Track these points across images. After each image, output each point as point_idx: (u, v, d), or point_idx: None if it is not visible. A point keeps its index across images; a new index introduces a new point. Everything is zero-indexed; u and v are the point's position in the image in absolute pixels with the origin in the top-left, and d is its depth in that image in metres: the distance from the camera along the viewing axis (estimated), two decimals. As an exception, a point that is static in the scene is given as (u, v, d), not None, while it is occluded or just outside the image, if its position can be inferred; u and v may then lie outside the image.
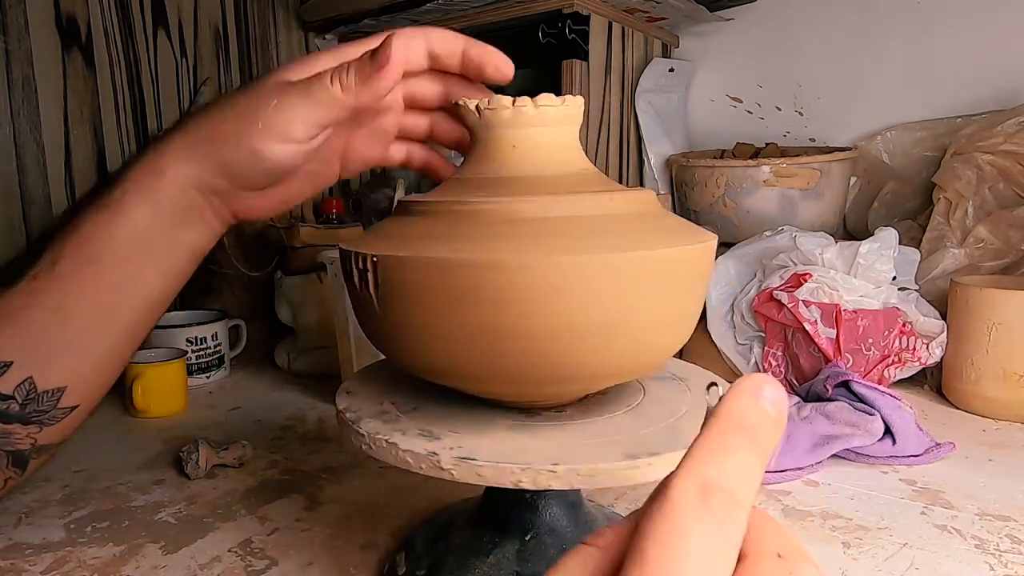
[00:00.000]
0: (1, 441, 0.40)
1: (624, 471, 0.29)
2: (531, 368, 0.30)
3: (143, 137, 0.89)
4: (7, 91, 0.76)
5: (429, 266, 0.29)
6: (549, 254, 0.28)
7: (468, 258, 0.28)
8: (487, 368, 0.31)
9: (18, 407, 0.39)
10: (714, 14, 0.99)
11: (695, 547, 0.15)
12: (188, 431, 0.65)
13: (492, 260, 0.28)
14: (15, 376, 0.39)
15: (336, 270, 0.65)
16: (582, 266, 0.28)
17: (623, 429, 0.32)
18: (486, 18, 0.90)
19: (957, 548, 0.43)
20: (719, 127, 1.09)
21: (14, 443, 0.40)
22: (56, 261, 0.39)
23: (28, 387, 0.39)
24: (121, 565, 0.43)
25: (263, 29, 1.02)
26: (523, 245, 0.28)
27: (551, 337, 0.29)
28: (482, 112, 0.33)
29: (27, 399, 0.39)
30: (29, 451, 0.41)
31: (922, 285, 0.77)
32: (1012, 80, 0.87)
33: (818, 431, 0.54)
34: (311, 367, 0.81)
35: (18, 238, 0.78)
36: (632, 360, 0.32)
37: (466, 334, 0.30)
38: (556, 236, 0.29)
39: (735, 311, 0.75)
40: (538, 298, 0.28)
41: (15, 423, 0.39)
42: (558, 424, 0.33)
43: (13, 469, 0.41)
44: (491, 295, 0.28)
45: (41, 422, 0.40)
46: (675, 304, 0.32)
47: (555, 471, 0.28)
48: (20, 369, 0.39)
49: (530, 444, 0.31)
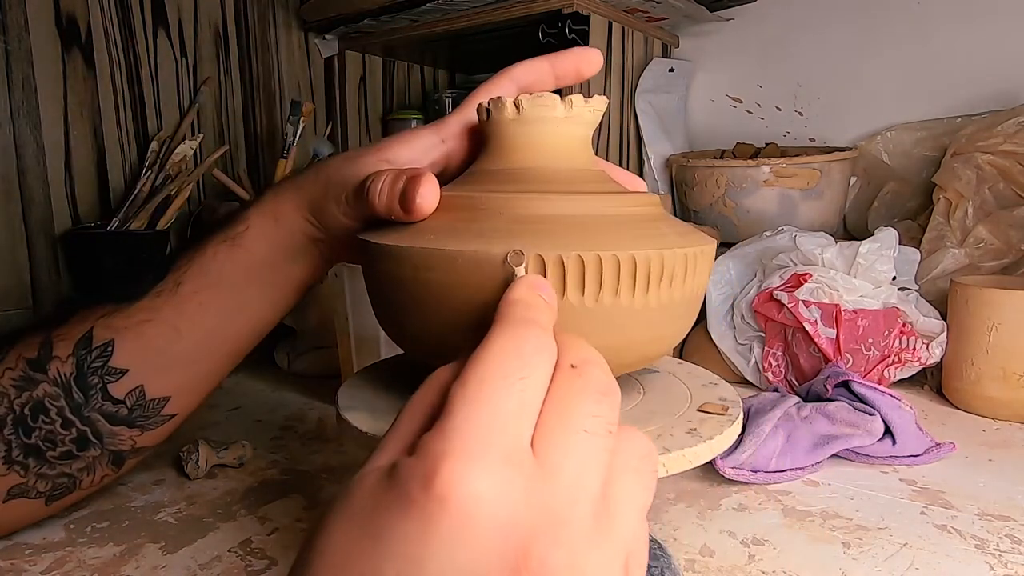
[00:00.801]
0: (106, 441, 0.43)
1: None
2: None
3: (143, 137, 0.89)
4: (7, 91, 0.76)
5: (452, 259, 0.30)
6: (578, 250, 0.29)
7: (487, 252, 0.29)
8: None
9: (127, 411, 0.43)
10: (714, 14, 0.99)
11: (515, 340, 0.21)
12: (188, 431, 0.65)
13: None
14: (128, 383, 0.42)
15: (336, 270, 0.65)
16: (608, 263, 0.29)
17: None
18: (486, 18, 0.90)
19: (957, 548, 0.43)
20: (719, 127, 1.09)
21: (117, 443, 0.44)
22: (180, 283, 0.43)
23: (138, 394, 0.43)
24: (121, 565, 0.43)
25: (263, 29, 1.02)
26: (545, 241, 0.29)
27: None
28: (522, 109, 0.33)
29: (135, 405, 0.43)
30: (128, 452, 0.45)
31: (922, 285, 0.77)
32: (1012, 80, 0.87)
33: (818, 431, 0.54)
34: (311, 367, 0.81)
35: (18, 238, 0.78)
36: (638, 354, 0.33)
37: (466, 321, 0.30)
38: (579, 234, 0.30)
39: (735, 311, 0.75)
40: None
41: (121, 425, 0.43)
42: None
43: (111, 467, 0.45)
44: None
45: (143, 427, 0.44)
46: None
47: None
48: (133, 377, 0.42)
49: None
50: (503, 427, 0.19)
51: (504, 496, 0.18)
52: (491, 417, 0.19)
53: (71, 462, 0.43)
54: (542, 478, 0.19)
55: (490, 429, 0.19)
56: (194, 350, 0.43)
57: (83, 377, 0.42)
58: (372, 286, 0.35)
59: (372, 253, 0.34)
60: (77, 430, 0.42)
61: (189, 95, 0.94)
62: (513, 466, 0.19)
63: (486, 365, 0.20)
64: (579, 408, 0.21)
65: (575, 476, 0.20)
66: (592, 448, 0.20)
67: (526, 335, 0.22)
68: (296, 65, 1.06)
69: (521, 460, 0.19)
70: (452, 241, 0.30)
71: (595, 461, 0.20)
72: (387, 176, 0.34)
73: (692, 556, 0.42)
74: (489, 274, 0.29)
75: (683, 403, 0.36)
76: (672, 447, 0.30)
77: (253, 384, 0.81)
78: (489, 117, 0.34)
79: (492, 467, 0.18)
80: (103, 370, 0.42)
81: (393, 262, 0.32)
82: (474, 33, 0.95)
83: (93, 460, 0.43)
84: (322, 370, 0.80)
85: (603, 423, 0.21)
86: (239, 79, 1.00)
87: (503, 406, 0.20)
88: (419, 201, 0.31)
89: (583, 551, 0.19)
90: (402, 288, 0.32)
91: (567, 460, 0.20)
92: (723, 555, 0.42)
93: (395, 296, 0.33)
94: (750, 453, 0.51)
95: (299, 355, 0.82)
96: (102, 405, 0.42)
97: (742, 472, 0.51)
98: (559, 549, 0.18)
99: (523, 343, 0.21)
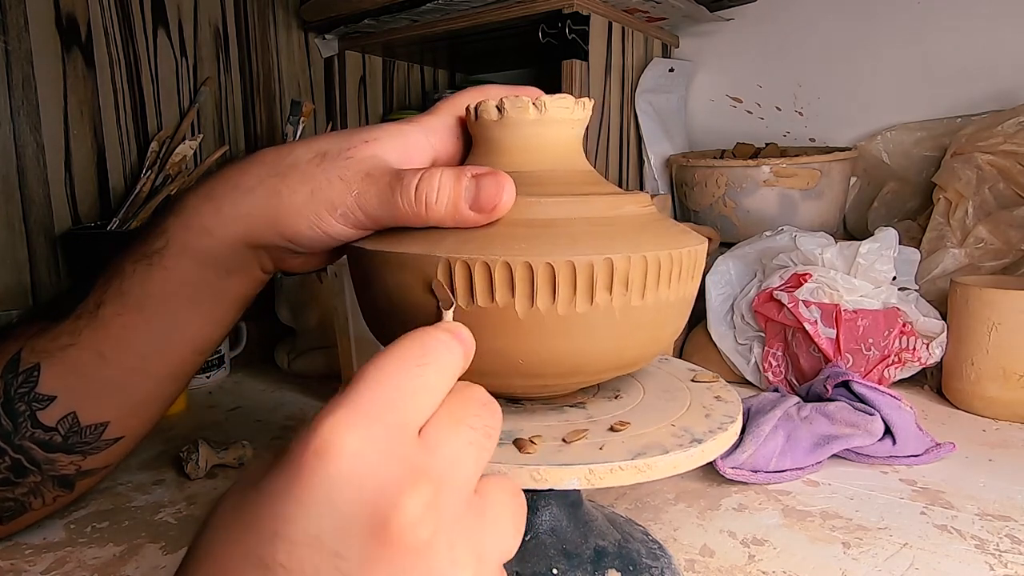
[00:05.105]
0: (45, 467, 0.40)
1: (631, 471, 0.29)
2: (544, 365, 0.31)
3: (143, 137, 0.89)
4: (7, 91, 0.76)
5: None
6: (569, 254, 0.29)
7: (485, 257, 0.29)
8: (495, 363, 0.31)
9: (60, 439, 0.40)
10: (714, 14, 0.99)
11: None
12: (188, 431, 0.65)
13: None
14: (58, 411, 0.39)
15: (336, 270, 0.65)
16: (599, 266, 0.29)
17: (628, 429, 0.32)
18: (486, 18, 0.90)
19: (957, 548, 0.43)
20: (719, 127, 1.09)
21: (58, 469, 0.41)
22: (100, 303, 0.39)
23: (71, 421, 0.40)
24: (121, 565, 0.43)
25: (263, 29, 1.02)
26: (537, 246, 0.29)
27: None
28: (504, 112, 0.33)
29: (70, 432, 0.40)
30: (74, 475, 0.42)
31: (922, 285, 0.77)
32: (1012, 80, 0.87)
33: (818, 431, 0.54)
34: (311, 367, 0.81)
35: (18, 238, 0.78)
36: (618, 356, 0.33)
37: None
38: (558, 238, 0.30)
39: (735, 311, 0.75)
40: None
41: (58, 452, 0.40)
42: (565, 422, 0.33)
43: (59, 489, 0.42)
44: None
45: (84, 452, 0.41)
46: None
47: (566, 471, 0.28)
48: (63, 405, 0.39)
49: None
50: (390, 402, 0.20)
51: (378, 454, 0.19)
52: (381, 393, 0.21)
53: (12, 487, 0.40)
54: (422, 450, 0.20)
55: (376, 401, 0.20)
56: (125, 374, 0.39)
57: (10, 403, 0.38)
58: (359, 290, 0.36)
59: (360, 259, 0.34)
60: (10, 458, 0.39)
61: (189, 95, 0.94)
62: (392, 434, 0.20)
63: (388, 353, 0.22)
64: (466, 408, 0.23)
65: (453, 456, 0.21)
66: (473, 439, 0.22)
67: (433, 333, 0.23)
68: (296, 65, 1.06)
69: (402, 433, 0.20)
70: (409, 244, 0.31)
71: (474, 453, 0.22)
72: (442, 176, 0.31)
73: (692, 556, 0.42)
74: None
75: (680, 408, 0.35)
76: (672, 447, 0.30)
77: (253, 384, 0.81)
78: (477, 118, 0.34)
79: (370, 429, 0.19)
80: (30, 396, 0.39)
81: (376, 267, 0.32)
82: (474, 33, 0.95)
83: (36, 485, 0.41)
84: (322, 370, 0.80)
85: (483, 424, 0.23)
86: (239, 79, 1.00)
87: (395, 384, 0.21)
88: (505, 199, 0.30)
89: (450, 522, 0.20)
90: (383, 292, 0.32)
91: (448, 442, 0.21)
92: (723, 555, 0.42)
93: (378, 300, 0.33)
94: (750, 453, 0.51)
95: (299, 355, 0.82)
96: (32, 433, 0.39)
97: (742, 472, 0.51)
98: (430, 512, 0.19)
99: (427, 338, 0.23)
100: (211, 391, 0.79)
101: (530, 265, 0.29)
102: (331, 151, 0.34)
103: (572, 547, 0.35)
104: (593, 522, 0.37)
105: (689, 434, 0.32)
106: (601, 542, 0.36)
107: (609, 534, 0.37)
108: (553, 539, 0.35)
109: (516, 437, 0.31)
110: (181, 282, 0.38)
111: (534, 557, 0.35)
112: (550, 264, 0.29)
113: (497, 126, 0.34)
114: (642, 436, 0.31)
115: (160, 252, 0.37)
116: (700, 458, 0.31)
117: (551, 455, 0.29)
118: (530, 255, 0.29)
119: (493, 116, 0.33)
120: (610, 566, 0.35)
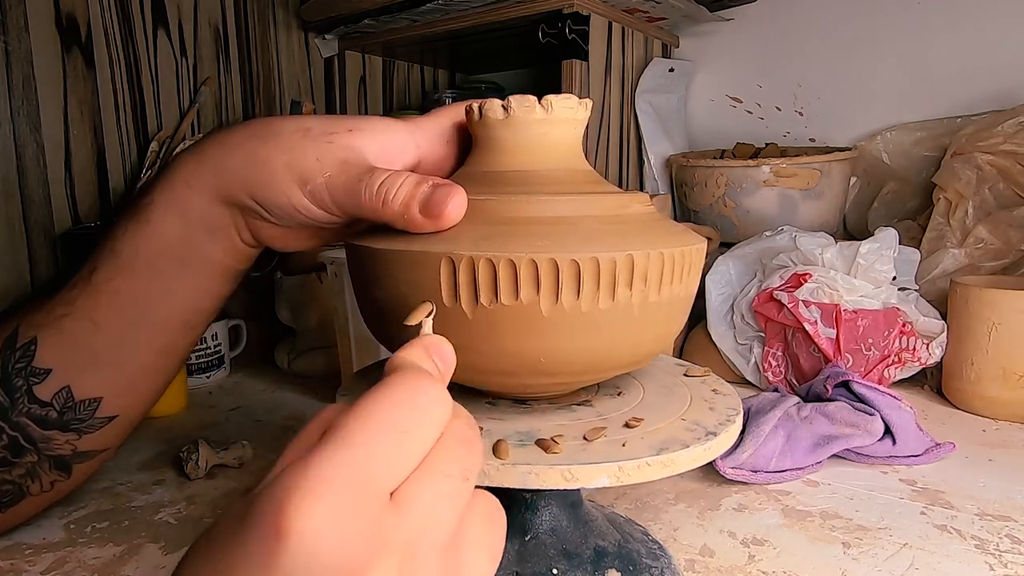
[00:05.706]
0: (41, 446, 0.41)
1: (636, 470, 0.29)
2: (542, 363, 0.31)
3: (143, 137, 0.89)
4: (7, 91, 0.76)
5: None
6: (572, 252, 0.29)
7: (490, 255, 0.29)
8: (499, 362, 0.31)
9: (56, 414, 0.40)
10: (714, 14, 0.99)
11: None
12: (188, 431, 0.65)
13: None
14: (53, 384, 0.40)
15: (336, 270, 0.65)
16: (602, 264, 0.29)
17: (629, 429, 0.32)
18: (486, 18, 0.90)
19: (957, 548, 0.43)
20: (719, 127, 1.09)
21: (54, 448, 0.41)
22: (94, 269, 0.39)
23: (65, 396, 0.40)
24: (121, 565, 0.43)
25: (263, 29, 1.02)
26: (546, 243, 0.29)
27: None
28: (510, 111, 0.33)
29: (64, 407, 0.40)
30: (70, 456, 0.42)
31: (922, 285, 0.77)
32: (1012, 80, 0.87)
33: (818, 431, 0.54)
34: (311, 367, 0.81)
35: (18, 238, 0.78)
36: (632, 352, 0.33)
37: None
38: (575, 236, 0.30)
39: (735, 311, 0.75)
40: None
41: (54, 429, 0.40)
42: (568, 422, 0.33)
43: (57, 472, 0.42)
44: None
45: (79, 430, 0.41)
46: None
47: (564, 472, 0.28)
48: (58, 377, 0.40)
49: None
50: (364, 471, 0.19)
51: (345, 530, 0.18)
52: (356, 458, 0.19)
53: (9, 468, 0.41)
54: (392, 515, 0.19)
55: (348, 467, 0.19)
56: (116, 344, 0.40)
57: (7, 379, 0.39)
58: (358, 290, 0.36)
59: (365, 258, 0.34)
60: (8, 435, 0.40)
61: (189, 95, 0.94)
62: (361, 505, 0.18)
63: (375, 406, 0.20)
64: (442, 453, 0.21)
65: (426, 511, 0.20)
66: (447, 489, 0.20)
67: (426, 389, 0.21)
68: (296, 65, 1.06)
69: (372, 502, 0.19)
70: (424, 243, 0.30)
71: (448, 501, 0.20)
72: (405, 179, 0.31)
73: (692, 556, 0.42)
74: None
75: (683, 403, 0.36)
76: (672, 447, 0.30)
77: (253, 384, 0.81)
78: (481, 117, 0.34)
79: (338, 501, 0.18)
80: (27, 371, 0.39)
81: (385, 265, 0.32)
82: (474, 33, 0.95)
83: (33, 466, 0.41)
84: (322, 370, 0.80)
85: (460, 468, 0.21)
86: (239, 79, 1.00)
87: (372, 452, 0.19)
88: (451, 209, 0.30)
89: None
90: (393, 291, 0.32)
91: (421, 498, 0.20)
92: (723, 555, 0.42)
93: (384, 299, 0.33)
94: (750, 453, 0.51)
95: (299, 355, 0.82)
96: (29, 408, 0.40)
97: (742, 472, 0.51)
98: None
99: (420, 396, 0.21)
100: (211, 391, 0.79)
101: (555, 262, 0.29)
102: (315, 129, 0.35)
103: (572, 547, 0.35)
104: (593, 522, 0.37)
105: (701, 427, 0.32)
106: (601, 542, 0.36)
107: (609, 534, 0.37)
108: (553, 539, 0.35)
109: (538, 438, 0.31)
110: (167, 240, 0.38)
111: (534, 557, 0.35)
112: (575, 261, 0.29)
113: (502, 125, 0.34)
114: (658, 432, 0.32)
115: (147, 207, 0.38)
116: (716, 450, 0.31)
117: (577, 454, 0.29)
118: (555, 252, 0.29)
119: (499, 115, 0.33)
120: (610, 566, 0.35)
